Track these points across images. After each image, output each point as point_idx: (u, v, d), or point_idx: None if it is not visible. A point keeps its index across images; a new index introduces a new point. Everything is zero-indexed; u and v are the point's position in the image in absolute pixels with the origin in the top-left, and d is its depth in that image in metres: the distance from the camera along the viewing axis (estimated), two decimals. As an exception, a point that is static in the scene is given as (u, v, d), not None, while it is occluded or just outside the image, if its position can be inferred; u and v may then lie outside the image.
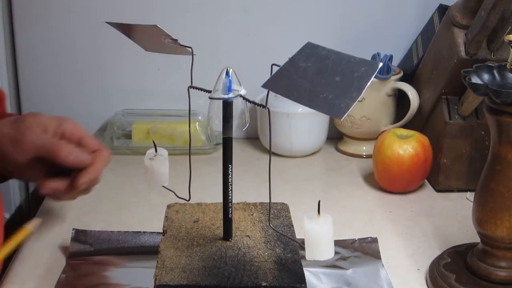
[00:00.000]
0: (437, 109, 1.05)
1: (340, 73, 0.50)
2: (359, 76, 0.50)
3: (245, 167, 1.12)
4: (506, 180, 0.72)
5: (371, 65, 0.50)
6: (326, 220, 0.57)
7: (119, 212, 0.96)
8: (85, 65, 1.23)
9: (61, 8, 1.19)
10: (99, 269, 0.80)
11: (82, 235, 0.84)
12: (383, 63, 1.13)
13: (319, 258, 0.57)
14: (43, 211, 0.97)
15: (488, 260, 0.75)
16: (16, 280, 0.79)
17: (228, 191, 0.63)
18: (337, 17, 1.21)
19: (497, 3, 0.88)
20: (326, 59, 0.52)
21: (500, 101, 0.68)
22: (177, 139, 1.17)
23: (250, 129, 1.25)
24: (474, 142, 1.02)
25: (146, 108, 1.24)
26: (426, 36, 1.14)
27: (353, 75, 0.50)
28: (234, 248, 0.63)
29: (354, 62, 0.51)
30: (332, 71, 0.51)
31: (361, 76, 0.50)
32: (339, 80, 0.50)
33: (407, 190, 1.03)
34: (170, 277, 0.59)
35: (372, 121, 1.15)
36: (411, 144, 1.00)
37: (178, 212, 0.71)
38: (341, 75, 0.50)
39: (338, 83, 0.50)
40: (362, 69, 0.50)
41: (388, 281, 0.78)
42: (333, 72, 0.51)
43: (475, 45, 0.95)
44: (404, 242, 0.88)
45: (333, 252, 0.58)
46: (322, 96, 0.49)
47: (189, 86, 0.62)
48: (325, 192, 1.05)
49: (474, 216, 0.75)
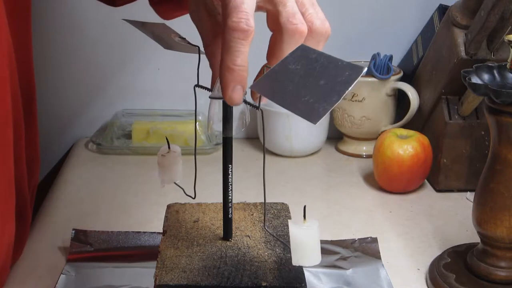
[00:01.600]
0: (437, 109, 1.05)
1: (325, 76, 0.50)
2: (342, 81, 0.49)
3: (245, 167, 1.12)
4: (506, 180, 0.72)
5: (355, 70, 0.49)
6: (312, 225, 0.56)
7: (119, 212, 0.96)
8: (85, 65, 1.23)
9: (61, 7, 1.19)
10: (99, 269, 0.80)
11: (82, 235, 0.84)
12: (383, 63, 1.13)
13: (305, 264, 0.56)
14: (43, 211, 0.97)
15: (488, 260, 0.75)
16: (16, 280, 0.79)
17: (228, 191, 0.63)
18: (337, 17, 1.20)
19: (497, 3, 0.88)
20: (315, 61, 0.51)
21: (500, 101, 0.68)
22: (177, 139, 1.17)
23: (250, 129, 1.25)
24: (474, 142, 1.02)
25: (146, 108, 1.24)
26: (426, 36, 1.15)
27: (336, 79, 0.49)
28: (234, 248, 0.63)
29: (341, 66, 0.50)
30: (319, 75, 0.50)
31: (344, 80, 0.49)
32: (323, 84, 0.49)
33: (407, 190, 1.03)
34: (170, 277, 0.59)
35: (372, 121, 1.15)
36: (411, 144, 1.00)
37: (178, 212, 0.71)
38: (326, 78, 0.49)
39: (322, 87, 0.49)
40: (346, 73, 0.49)
41: (388, 281, 0.78)
42: (319, 76, 0.50)
43: (475, 45, 0.95)
44: (404, 242, 0.88)
45: (319, 258, 0.56)
46: (304, 99, 0.49)
47: (195, 85, 0.62)
48: (325, 192, 1.05)
49: (474, 216, 0.75)
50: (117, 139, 1.20)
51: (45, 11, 1.19)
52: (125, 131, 1.21)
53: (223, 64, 0.54)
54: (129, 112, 1.24)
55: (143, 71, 1.23)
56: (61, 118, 1.26)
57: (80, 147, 1.22)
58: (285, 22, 0.56)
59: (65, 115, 1.26)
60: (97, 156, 1.18)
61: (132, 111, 1.24)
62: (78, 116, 1.26)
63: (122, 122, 1.22)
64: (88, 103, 1.25)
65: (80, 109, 1.25)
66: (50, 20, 1.20)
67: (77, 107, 1.25)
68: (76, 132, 1.26)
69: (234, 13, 0.54)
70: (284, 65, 0.52)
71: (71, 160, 1.17)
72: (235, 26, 0.53)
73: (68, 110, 1.26)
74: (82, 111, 1.25)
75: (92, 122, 1.25)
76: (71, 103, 1.24)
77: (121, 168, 1.12)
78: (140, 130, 1.19)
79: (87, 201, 1.00)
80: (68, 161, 1.16)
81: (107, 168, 1.13)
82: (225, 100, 0.55)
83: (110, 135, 1.20)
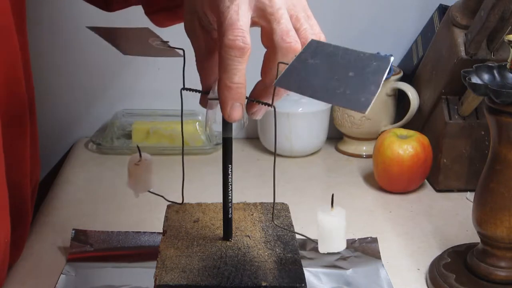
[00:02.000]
0: (437, 109, 1.05)
1: (353, 68, 0.51)
2: (372, 71, 0.50)
3: (245, 167, 1.12)
4: (506, 180, 0.72)
5: (382, 60, 0.51)
6: (339, 212, 0.58)
7: (119, 212, 0.96)
8: (85, 65, 1.23)
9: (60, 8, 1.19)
10: (99, 269, 0.80)
11: (82, 235, 0.84)
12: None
13: (332, 250, 0.58)
14: (43, 211, 0.97)
15: (488, 260, 0.75)
16: (16, 280, 0.79)
17: (228, 191, 0.63)
18: (337, 16, 1.20)
19: (497, 3, 0.88)
20: (334, 55, 0.52)
21: (500, 101, 0.68)
22: (177, 139, 1.17)
23: (250, 129, 1.25)
24: (474, 142, 1.02)
25: (146, 108, 1.24)
26: (426, 36, 1.14)
27: (365, 70, 0.50)
28: (234, 248, 0.63)
29: (364, 58, 0.51)
30: (345, 67, 0.51)
31: (374, 71, 0.50)
32: (353, 76, 0.50)
33: (407, 190, 1.03)
34: (170, 277, 0.59)
35: (372, 121, 1.15)
36: (411, 144, 1.00)
37: (178, 212, 0.71)
38: (354, 70, 0.50)
39: (353, 79, 0.50)
40: (373, 64, 0.51)
41: (388, 281, 0.78)
42: (346, 68, 0.51)
43: (475, 45, 0.95)
44: (404, 242, 0.88)
45: (345, 244, 0.58)
46: (338, 91, 0.50)
47: (181, 88, 0.62)
48: (325, 192, 1.05)
49: (474, 216, 0.75)
50: (117, 139, 1.20)
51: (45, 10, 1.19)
52: (125, 131, 1.21)
53: (221, 82, 0.54)
54: (129, 112, 1.24)
55: (143, 71, 1.23)
56: (61, 118, 1.26)
57: (80, 147, 1.22)
58: (279, 40, 0.56)
59: (65, 115, 1.26)
60: (97, 156, 1.18)
61: (132, 111, 1.24)
62: (78, 116, 1.26)
63: (122, 122, 1.22)
64: (88, 103, 1.25)
65: (80, 109, 1.25)
66: (50, 21, 1.20)
67: (77, 107, 1.24)
68: (76, 132, 1.26)
69: (229, 30, 0.53)
70: (302, 61, 0.52)
71: (71, 160, 1.16)
72: (231, 44, 0.53)
73: (68, 110, 1.26)
74: (82, 111, 1.25)
75: (92, 122, 1.25)
76: (71, 103, 1.24)
77: (121, 168, 1.12)
78: (140, 130, 1.19)
79: (87, 201, 1.00)
80: (68, 161, 1.16)
81: (107, 168, 1.13)
82: (224, 118, 0.55)
83: (110, 135, 1.20)
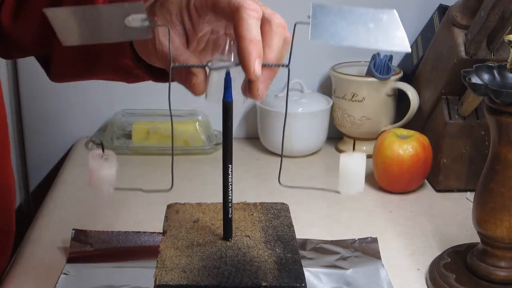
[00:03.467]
0: (437, 109, 1.05)
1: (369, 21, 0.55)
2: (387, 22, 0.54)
3: (245, 167, 1.12)
4: (506, 180, 0.72)
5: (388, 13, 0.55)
6: (360, 156, 0.60)
7: (119, 212, 0.96)
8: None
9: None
10: (99, 269, 0.80)
11: (82, 235, 0.84)
12: (383, 63, 1.13)
13: (351, 191, 0.61)
14: (43, 211, 0.97)
15: (488, 260, 0.75)
16: (16, 280, 0.79)
17: (228, 191, 0.63)
18: (337, 17, 1.20)
19: (497, 3, 0.88)
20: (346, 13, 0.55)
21: (500, 101, 0.68)
22: (177, 139, 1.17)
23: (250, 129, 1.25)
24: (474, 142, 1.02)
25: (146, 108, 1.24)
26: (426, 36, 1.14)
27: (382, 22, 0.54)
28: (234, 248, 0.63)
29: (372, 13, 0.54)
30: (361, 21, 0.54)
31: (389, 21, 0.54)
32: (374, 27, 0.54)
33: (407, 190, 1.03)
34: (170, 277, 0.59)
35: (372, 121, 1.15)
36: (411, 144, 1.00)
37: (178, 212, 0.71)
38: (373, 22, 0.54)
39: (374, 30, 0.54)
40: (384, 17, 0.54)
41: (388, 281, 0.78)
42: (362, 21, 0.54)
43: (475, 45, 0.95)
44: (404, 242, 0.88)
45: (363, 188, 0.61)
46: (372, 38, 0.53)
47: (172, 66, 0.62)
48: (325, 192, 1.05)
49: (474, 216, 0.75)
50: (117, 139, 1.20)
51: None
52: (125, 131, 1.21)
53: (246, 40, 0.56)
54: (129, 112, 1.24)
55: (143, 71, 1.23)
56: (61, 118, 1.26)
57: (80, 147, 1.22)
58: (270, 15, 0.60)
59: (65, 115, 1.26)
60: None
61: (132, 111, 1.24)
62: (78, 116, 1.26)
63: (122, 122, 1.22)
64: (88, 103, 1.25)
65: (80, 109, 1.25)
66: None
67: (77, 107, 1.24)
68: (76, 132, 1.26)
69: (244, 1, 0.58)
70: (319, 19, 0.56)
71: (71, 160, 1.16)
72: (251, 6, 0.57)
73: (68, 110, 1.26)
74: (82, 111, 1.25)
75: (92, 122, 1.25)
76: (71, 103, 1.24)
77: (121, 168, 1.12)
78: (140, 130, 1.19)
79: (87, 201, 1.00)
80: (68, 161, 1.16)
81: (107, 168, 1.13)
82: (249, 75, 0.57)
83: (110, 135, 1.20)
